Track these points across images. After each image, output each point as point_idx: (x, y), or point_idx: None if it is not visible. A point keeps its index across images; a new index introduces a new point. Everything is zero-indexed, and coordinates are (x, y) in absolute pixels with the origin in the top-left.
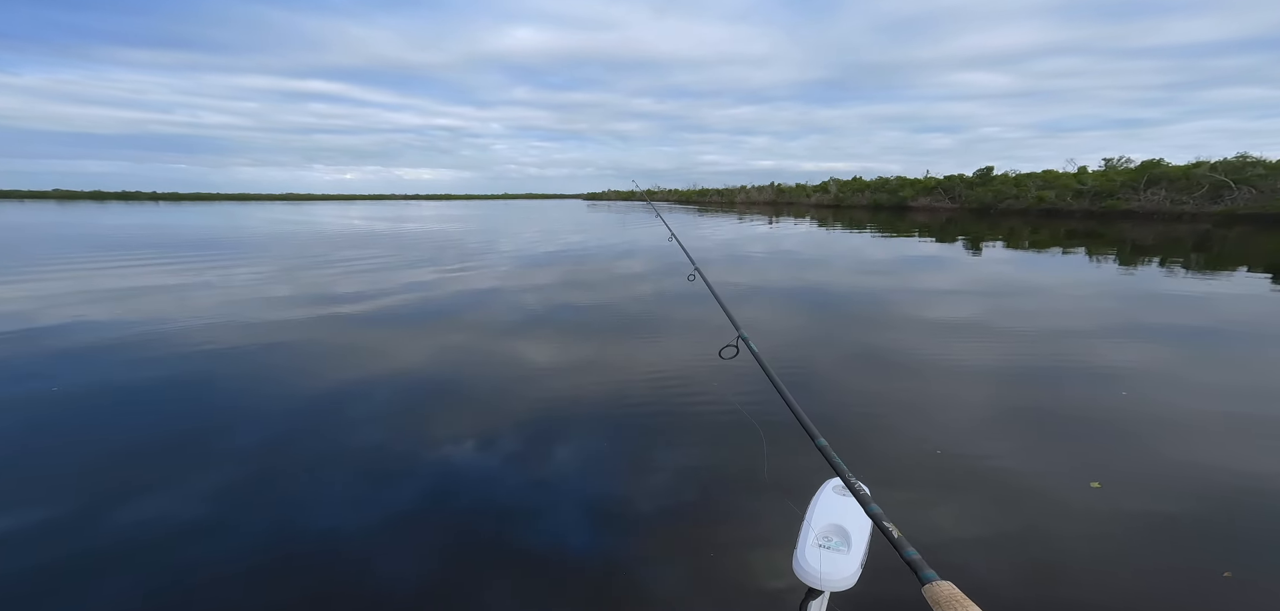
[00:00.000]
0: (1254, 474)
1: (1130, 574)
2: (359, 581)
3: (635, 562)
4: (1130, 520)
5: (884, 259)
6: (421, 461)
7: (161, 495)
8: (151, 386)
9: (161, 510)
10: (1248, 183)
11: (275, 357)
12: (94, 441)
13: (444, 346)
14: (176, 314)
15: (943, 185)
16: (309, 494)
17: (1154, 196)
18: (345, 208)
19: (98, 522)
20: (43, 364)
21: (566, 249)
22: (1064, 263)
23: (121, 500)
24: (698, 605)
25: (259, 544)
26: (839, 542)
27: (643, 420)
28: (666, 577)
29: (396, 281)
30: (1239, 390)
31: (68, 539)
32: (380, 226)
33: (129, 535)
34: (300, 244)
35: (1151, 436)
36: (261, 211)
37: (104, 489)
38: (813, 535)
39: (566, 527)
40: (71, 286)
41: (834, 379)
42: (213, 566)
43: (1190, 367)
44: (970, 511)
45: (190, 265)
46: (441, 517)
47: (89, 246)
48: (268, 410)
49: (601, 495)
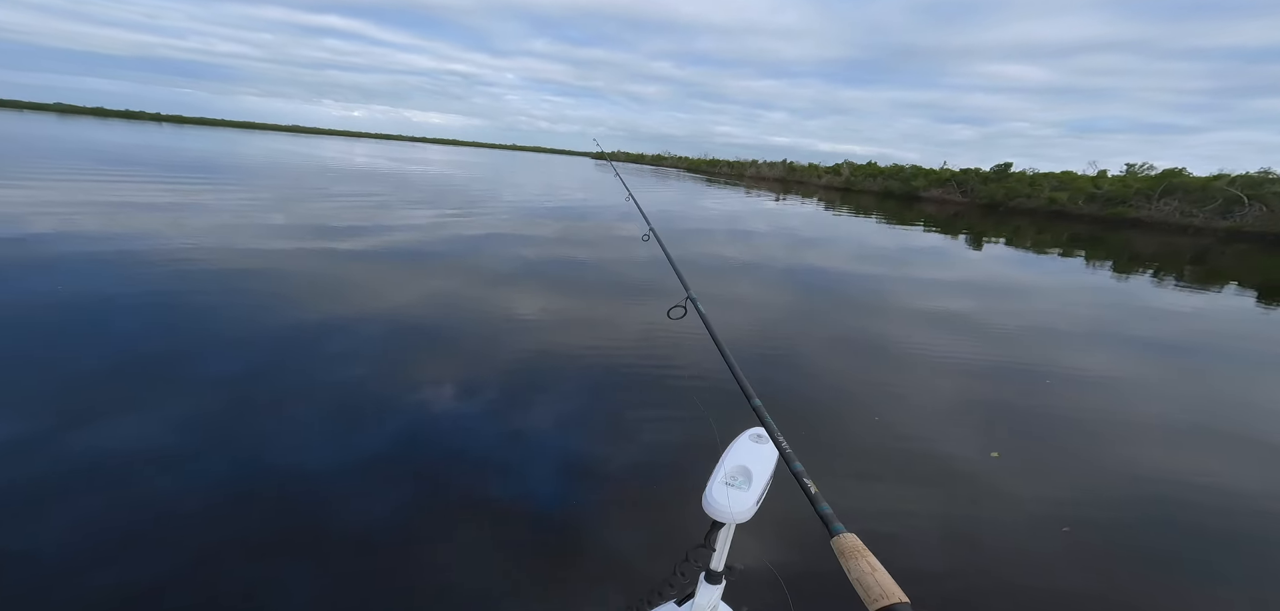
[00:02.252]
0: (1157, 474)
1: (997, 533)
2: (324, 520)
3: (601, 520)
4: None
5: (884, 247)
6: (397, 404)
7: (131, 417)
8: (131, 303)
9: (129, 433)
10: (1262, 199)
11: (260, 285)
12: (67, 356)
13: (434, 291)
14: (166, 233)
15: (956, 178)
16: (281, 428)
17: (1165, 206)
18: (350, 145)
19: (62, 441)
20: (20, 273)
21: (568, 205)
22: (1059, 266)
23: (89, 419)
24: (656, 560)
25: (226, 475)
26: (742, 481)
27: (620, 378)
28: (630, 537)
29: (393, 221)
30: (1183, 400)
31: (30, 456)
32: (383, 165)
33: (93, 456)
34: (299, 175)
35: (1083, 434)
36: (265, 141)
37: (72, 406)
38: (722, 475)
39: (538, 482)
40: (61, 197)
41: (808, 356)
42: (177, 495)
43: (1148, 377)
44: (897, 485)
45: (186, 186)
46: (412, 462)
47: (85, 159)
48: (248, 338)
49: (575, 452)
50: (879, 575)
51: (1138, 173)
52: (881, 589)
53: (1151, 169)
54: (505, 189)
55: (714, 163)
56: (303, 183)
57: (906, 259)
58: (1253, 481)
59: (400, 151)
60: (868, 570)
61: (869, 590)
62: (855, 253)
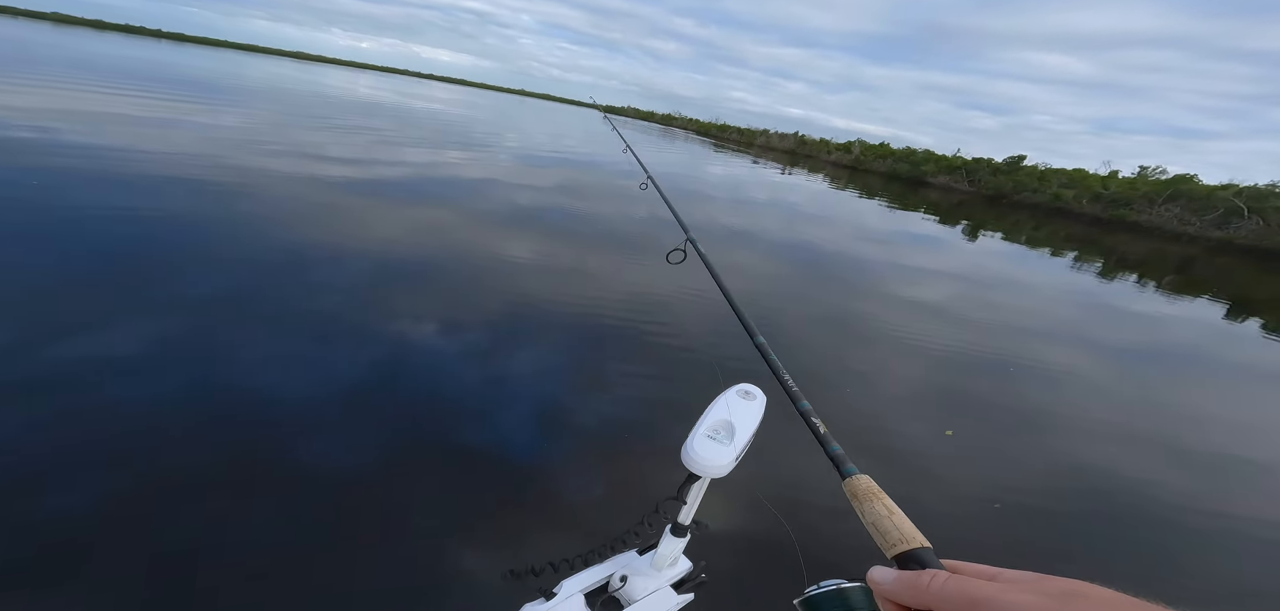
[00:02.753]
0: (1084, 465)
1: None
2: (286, 453)
3: (568, 472)
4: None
5: (881, 230)
6: (373, 340)
7: (94, 329)
8: (112, 213)
9: (97, 344)
10: (1262, 213)
11: (245, 207)
12: (40, 261)
13: (424, 228)
14: (154, 146)
15: (966, 166)
16: (251, 353)
17: (1165, 212)
18: (355, 76)
19: (18, 349)
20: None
21: (571, 156)
22: (1047, 264)
23: (50, 328)
24: (622, 512)
25: (187, 398)
26: (724, 436)
27: (604, 330)
28: (595, 490)
29: (391, 155)
30: (1125, 403)
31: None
32: (388, 99)
33: (50, 368)
34: (300, 102)
35: (1032, 424)
36: (267, 64)
37: (33, 313)
38: (705, 428)
39: (510, 429)
40: (49, 103)
41: (788, 329)
42: (134, 415)
43: (1101, 379)
44: (855, 456)
45: (180, 102)
46: (383, 400)
47: (77, 68)
48: (226, 258)
49: (551, 402)
50: (897, 518)
51: (1148, 176)
52: (900, 533)
53: (1163, 172)
54: (509, 134)
55: (724, 128)
56: (303, 110)
57: (901, 244)
58: (1167, 480)
59: (406, 86)
60: (885, 513)
61: (887, 534)
62: (852, 233)
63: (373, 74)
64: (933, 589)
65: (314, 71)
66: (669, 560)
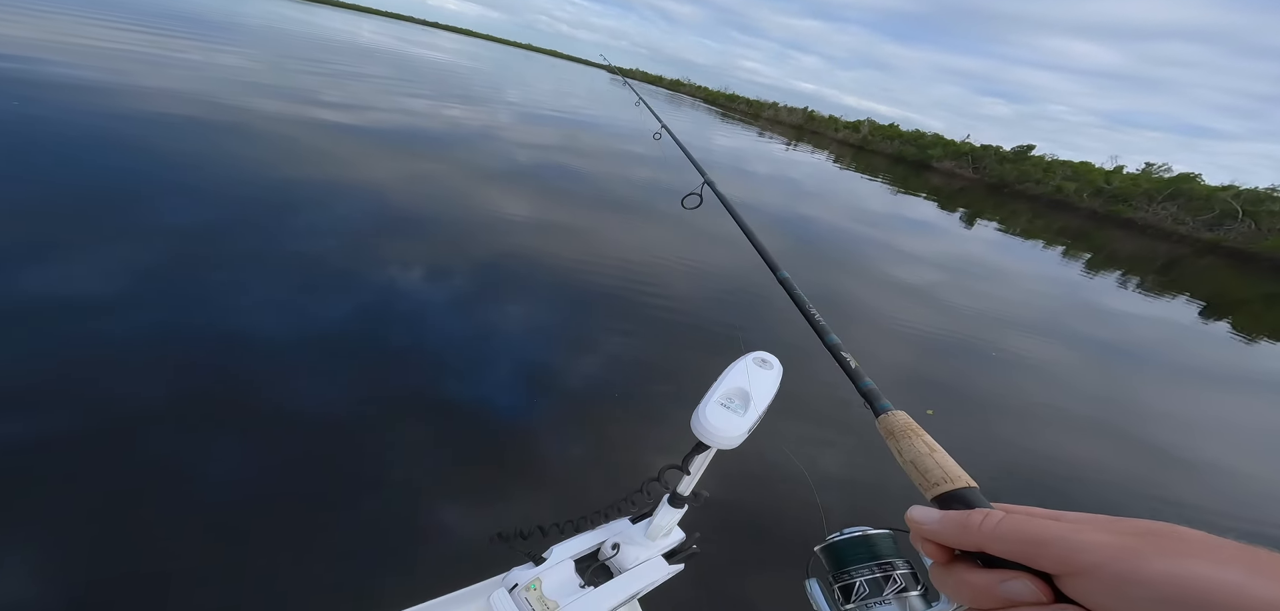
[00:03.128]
0: (1046, 449)
1: None
2: (263, 393)
3: (553, 433)
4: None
5: (878, 212)
6: (361, 286)
7: (70, 256)
8: (94, 138)
9: (70, 273)
10: (1255, 216)
11: (233, 143)
12: (12, 182)
13: (415, 175)
14: (140, 76)
15: (973, 153)
16: (232, 291)
17: (1161, 211)
18: (357, 19)
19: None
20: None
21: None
22: (1037, 256)
23: (23, 252)
24: (605, 469)
25: (164, 332)
26: (738, 405)
27: (601, 292)
28: (581, 451)
29: (388, 103)
30: (1091, 394)
31: None
32: (388, 45)
33: (23, 294)
34: (297, 45)
35: (1004, 409)
36: (264, 3)
37: (9, 239)
38: (718, 396)
39: (504, 388)
40: (31, 32)
41: (773, 304)
42: (108, 347)
43: (1072, 369)
44: (833, 430)
45: (170, 36)
46: (368, 348)
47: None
48: (211, 191)
49: (549, 363)
50: (939, 456)
51: (1151, 173)
52: (944, 471)
53: (1168, 170)
54: (513, 88)
55: (732, 98)
56: (299, 53)
57: (898, 227)
58: (1118, 467)
59: (410, 33)
60: (926, 451)
61: (929, 473)
62: (848, 213)
63: (376, 19)
64: (985, 528)
65: (314, 12)
66: (663, 530)
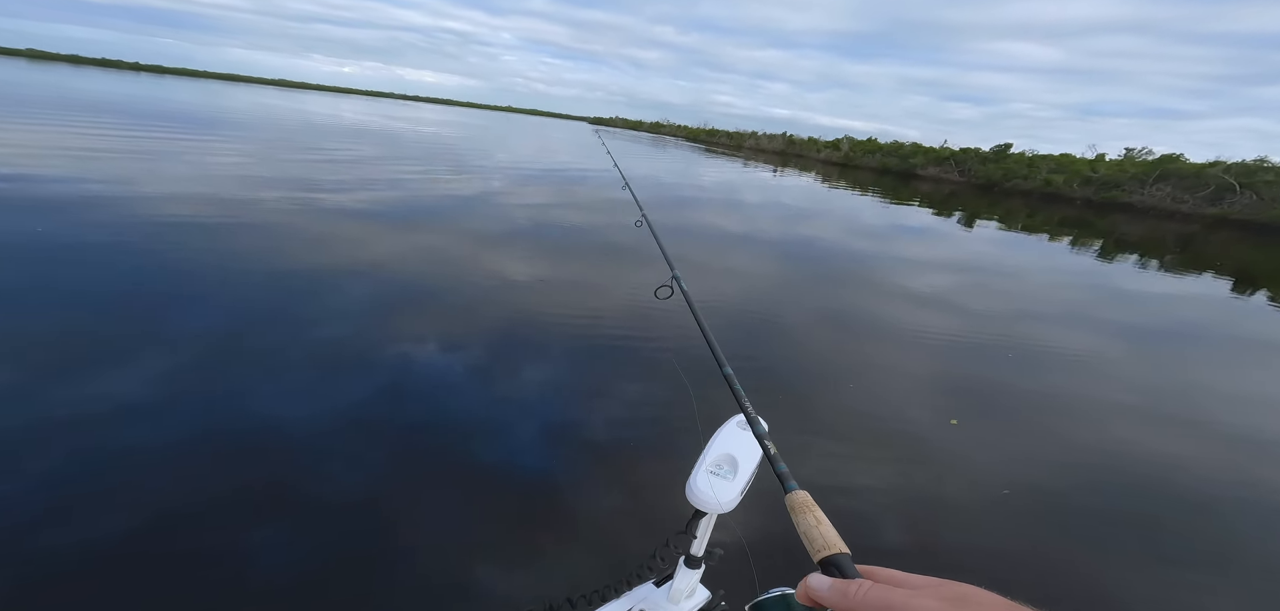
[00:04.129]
0: (1096, 448)
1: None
2: (299, 479)
3: (578, 487)
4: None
5: (876, 224)
6: (379, 364)
7: (102, 369)
8: (107, 252)
9: (102, 386)
10: (1253, 187)
11: (241, 239)
12: (37, 305)
13: (418, 249)
14: (143, 182)
15: (955, 157)
16: (259, 384)
17: (1157, 192)
18: (339, 101)
19: (30, 391)
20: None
21: (563, 169)
22: (1045, 248)
23: (58, 369)
24: (627, 525)
25: (199, 430)
26: (727, 470)
27: (604, 349)
28: (606, 503)
29: (381, 176)
30: (1137, 384)
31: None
32: (374, 123)
33: (61, 408)
34: (285, 130)
35: (1038, 409)
36: (250, 94)
37: (41, 356)
38: (707, 463)
39: (517, 447)
40: (29, 140)
41: (792, 327)
42: (148, 449)
43: (1110, 359)
44: (864, 445)
45: (164, 135)
46: (391, 422)
47: (57, 106)
48: (227, 292)
49: (555, 420)
50: (823, 528)
51: (1135, 157)
52: (824, 540)
53: (1150, 153)
54: (499, 151)
55: (713, 132)
56: (288, 138)
57: (897, 236)
58: (1191, 459)
59: (392, 109)
60: (814, 523)
61: (813, 542)
62: (848, 229)
63: (358, 99)
64: (858, 597)
65: (298, 99)
66: (686, 593)
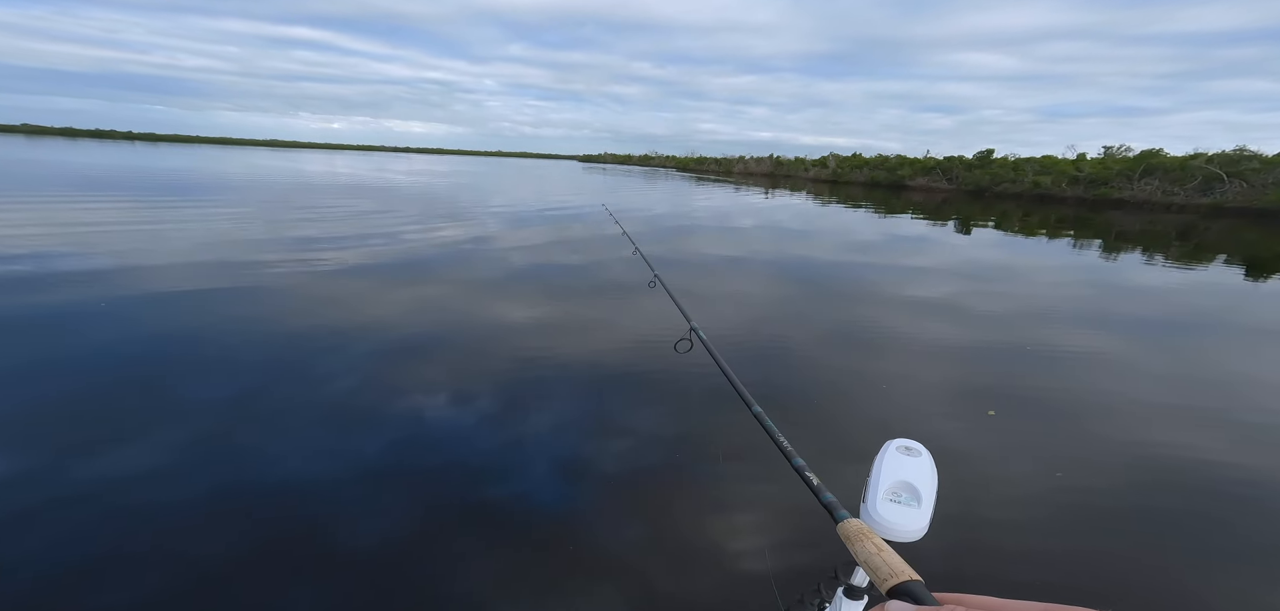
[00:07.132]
0: (1132, 447)
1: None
2: (321, 537)
3: (598, 524)
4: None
5: (874, 238)
6: (391, 416)
7: (119, 443)
8: (115, 326)
9: (119, 458)
10: (1241, 176)
11: (247, 304)
12: (49, 383)
13: (421, 300)
14: (146, 254)
15: (941, 166)
16: (275, 446)
17: (1146, 186)
18: (331, 157)
19: (48, 467)
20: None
21: (559, 208)
22: (1048, 248)
23: (76, 445)
24: (655, 564)
25: (219, 496)
26: (908, 498)
27: (613, 388)
28: (628, 538)
29: (380, 231)
30: (1162, 377)
31: (13, 483)
32: (368, 177)
33: (80, 482)
34: (281, 191)
35: (1065, 412)
36: (243, 157)
37: (57, 435)
38: (883, 491)
39: (534, 488)
40: (34, 217)
41: (806, 344)
42: (171, 516)
43: (1129, 354)
44: None
45: (164, 206)
46: (409, 473)
47: (57, 182)
48: (237, 357)
49: (570, 458)
50: (886, 554)
51: (1115, 155)
52: (890, 568)
53: (1129, 150)
54: (494, 196)
55: (702, 160)
56: (285, 198)
57: (898, 246)
58: (1224, 456)
59: (384, 161)
60: (874, 551)
61: (878, 570)
62: (846, 245)
63: (350, 154)
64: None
65: (292, 158)
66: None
